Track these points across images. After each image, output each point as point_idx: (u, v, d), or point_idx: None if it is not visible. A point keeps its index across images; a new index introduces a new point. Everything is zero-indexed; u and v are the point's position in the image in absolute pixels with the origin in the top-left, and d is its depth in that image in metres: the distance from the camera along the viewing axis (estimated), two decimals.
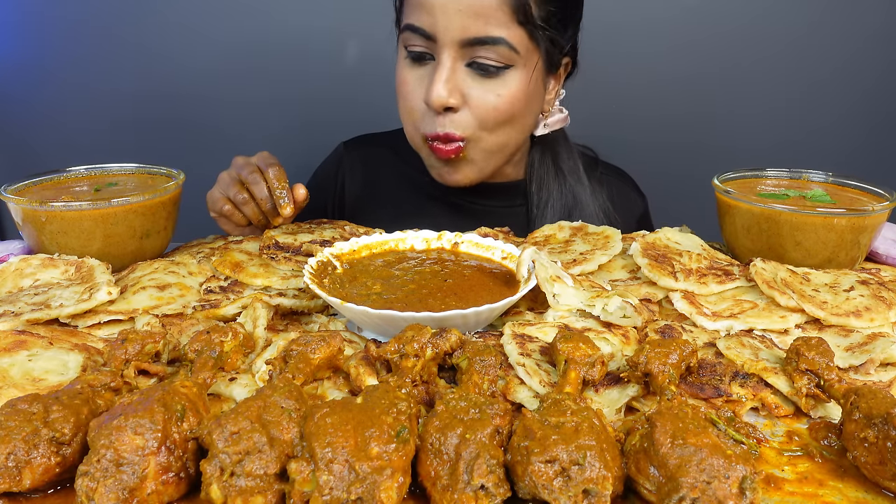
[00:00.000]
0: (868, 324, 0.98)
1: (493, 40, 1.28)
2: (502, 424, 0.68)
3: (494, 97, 1.33)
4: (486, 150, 1.40)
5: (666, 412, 0.68)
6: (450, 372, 0.87)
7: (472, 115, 1.35)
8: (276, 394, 0.68)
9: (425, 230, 1.19)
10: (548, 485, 0.61)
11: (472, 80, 1.33)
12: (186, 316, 1.02)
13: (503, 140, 1.41)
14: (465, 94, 1.33)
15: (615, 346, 0.93)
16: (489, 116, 1.35)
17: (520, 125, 1.42)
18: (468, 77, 1.33)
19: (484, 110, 1.34)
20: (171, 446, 0.65)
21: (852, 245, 1.14)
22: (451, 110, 1.34)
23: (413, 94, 1.38)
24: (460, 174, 1.44)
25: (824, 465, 0.74)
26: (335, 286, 1.02)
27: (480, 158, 1.42)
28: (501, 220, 1.43)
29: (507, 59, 1.31)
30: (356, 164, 1.70)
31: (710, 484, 0.60)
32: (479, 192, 1.55)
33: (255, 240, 1.31)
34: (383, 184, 1.67)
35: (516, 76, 1.34)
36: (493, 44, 1.29)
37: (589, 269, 1.12)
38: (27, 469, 0.65)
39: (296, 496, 0.60)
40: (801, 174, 1.32)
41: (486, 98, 1.33)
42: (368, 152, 1.72)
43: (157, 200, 1.19)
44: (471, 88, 1.33)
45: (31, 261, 1.13)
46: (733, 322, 0.99)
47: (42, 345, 0.91)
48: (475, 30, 1.28)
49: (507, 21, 1.28)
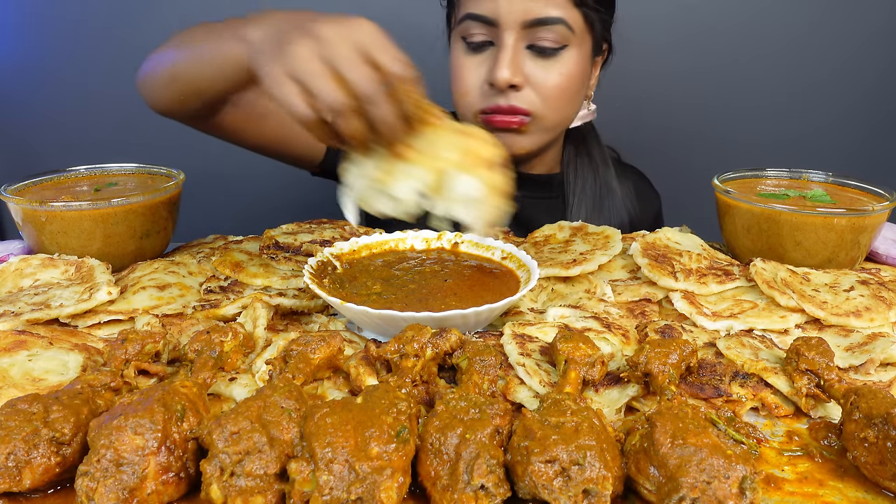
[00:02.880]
0: (868, 324, 0.98)
1: (553, 20, 1.36)
2: (502, 424, 0.68)
3: (556, 75, 1.41)
4: (546, 127, 1.47)
5: (666, 412, 0.68)
6: (450, 372, 0.87)
7: (537, 94, 1.42)
8: (276, 394, 0.68)
9: (425, 230, 1.18)
10: (548, 485, 0.61)
11: (531, 61, 1.40)
12: (186, 316, 1.02)
13: (560, 118, 1.48)
14: (528, 74, 1.41)
15: (615, 346, 0.93)
16: (552, 94, 1.42)
17: (575, 105, 1.49)
18: (528, 59, 1.40)
19: (547, 89, 1.41)
20: (171, 446, 0.65)
21: (852, 245, 1.14)
22: (515, 88, 1.41)
23: (471, 77, 1.44)
24: (516, 145, 1.48)
25: (824, 465, 0.74)
26: (335, 286, 1.02)
27: (539, 133, 1.48)
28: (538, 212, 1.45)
29: (565, 38, 1.39)
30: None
31: (710, 484, 0.60)
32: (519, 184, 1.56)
33: (256, 240, 1.31)
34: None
35: (572, 55, 1.41)
36: (553, 24, 1.36)
37: (589, 269, 1.12)
38: (27, 469, 0.65)
39: (296, 496, 0.60)
40: (801, 174, 1.32)
41: (549, 77, 1.41)
42: None
43: (157, 200, 1.19)
44: (532, 69, 1.40)
45: (31, 261, 1.13)
46: (733, 322, 0.99)
47: (42, 345, 0.91)
48: (536, 11, 1.36)
49: (564, 2, 1.37)
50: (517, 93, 1.41)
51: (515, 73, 1.38)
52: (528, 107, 1.42)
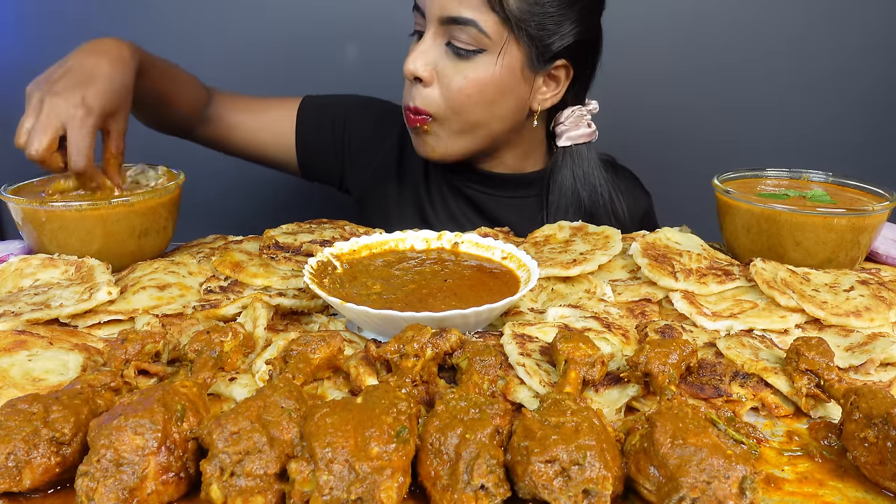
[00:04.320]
0: (868, 324, 0.98)
1: (465, 21, 1.36)
2: (502, 424, 0.68)
3: (462, 78, 1.39)
4: (453, 130, 1.46)
5: (666, 412, 0.68)
6: (450, 372, 0.87)
7: (441, 94, 1.42)
8: (276, 394, 0.68)
9: (425, 230, 1.18)
10: (548, 485, 0.61)
11: (447, 59, 1.40)
12: (186, 316, 1.02)
13: (472, 123, 1.45)
14: (439, 71, 1.41)
15: (615, 346, 0.93)
16: (456, 97, 1.41)
17: (490, 112, 1.45)
18: (444, 56, 1.41)
19: (450, 90, 1.41)
20: (171, 446, 0.65)
21: (852, 245, 1.14)
22: (423, 83, 1.42)
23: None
24: (427, 147, 1.49)
25: (824, 465, 0.74)
26: (335, 286, 1.02)
27: (446, 137, 1.47)
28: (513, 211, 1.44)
29: (478, 42, 1.37)
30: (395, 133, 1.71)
31: (710, 484, 0.60)
32: (492, 183, 1.60)
33: (256, 240, 1.31)
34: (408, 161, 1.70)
35: (487, 61, 1.39)
36: (465, 24, 1.36)
37: (589, 269, 1.12)
38: (27, 469, 0.65)
39: (296, 496, 0.60)
40: (801, 174, 1.32)
41: (455, 78, 1.40)
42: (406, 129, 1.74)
43: (156, 200, 1.19)
44: (444, 67, 1.41)
45: (31, 261, 1.13)
46: (733, 322, 0.99)
47: (42, 345, 0.91)
48: (450, 9, 1.36)
49: (478, 5, 1.35)
50: (422, 89, 1.41)
51: (424, 67, 1.39)
52: (428, 107, 1.42)
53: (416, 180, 1.66)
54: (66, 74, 1.15)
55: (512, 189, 1.61)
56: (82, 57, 1.19)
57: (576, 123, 1.55)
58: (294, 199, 2.33)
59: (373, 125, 1.70)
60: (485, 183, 1.60)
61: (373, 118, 1.71)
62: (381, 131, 1.70)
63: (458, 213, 1.62)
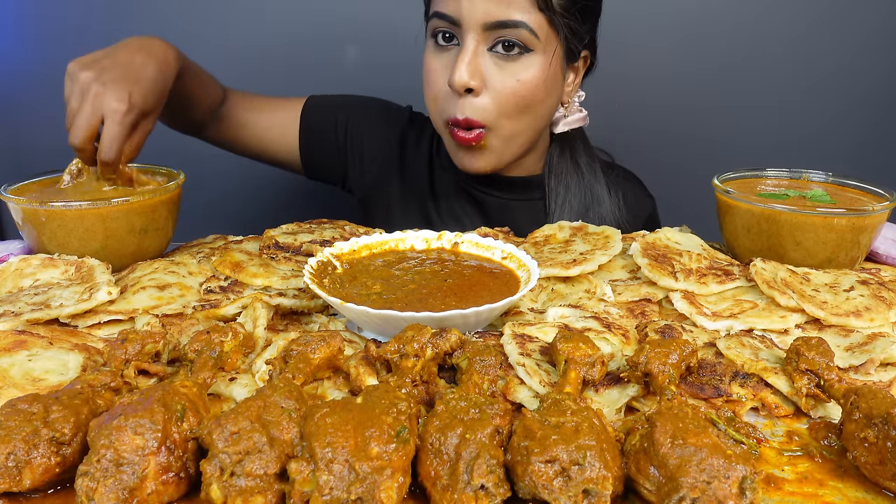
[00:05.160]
0: (868, 324, 0.98)
1: (515, 24, 1.34)
2: (502, 424, 0.68)
3: (514, 81, 1.37)
4: (506, 137, 1.44)
5: (666, 412, 0.68)
6: (450, 372, 0.87)
7: (492, 100, 1.39)
8: (276, 394, 0.68)
9: (425, 230, 1.18)
10: (548, 485, 0.61)
11: (493, 64, 1.38)
12: (186, 316, 1.02)
13: (522, 127, 1.44)
14: (486, 77, 1.38)
15: (615, 346, 0.93)
16: (509, 101, 1.39)
17: (538, 113, 1.45)
18: (490, 61, 1.38)
19: (504, 94, 1.38)
20: (171, 446, 0.65)
21: (852, 245, 1.14)
22: (473, 93, 1.38)
23: (438, 78, 1.43)
24: (481, 161, 1.47)
25: (824, 465, 0.74)
26: (335, 286, 1.02)
27: (500, 146, 1.45)
28: (519, 214, 1.44)
29: (528, 43, 1.36)
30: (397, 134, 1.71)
31: (710, 484, 0.60)
32: (498, 186, 1.59)
33: (256, 240, 1.32)
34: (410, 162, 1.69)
35: (536, 61, 1.38)
36: (515, 27, 1.34)
37: (589, 269, 1.12)
38: (27, 469, 0.65)
39: (296, 496, 0.60)
40: (801, 174, 1.32)
41: (507, 82, 1.38)
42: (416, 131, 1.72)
43: (156, 200, 1.19)
44: (492, 72, 1.38)
45: (31, 261, 1.13)
46: (733, 322, 0.99)
47: (42, 345, 0.91)
48: (497, 13, 1.33)
49: (527, 6, 1.34)
50: (473, 100, 1.38)
51: (473, 76, 1.36)
52: (482, 118, 1.39)
53: (421, 182, 1.66)
54: (115, 67, 1.19)
55: (520, 191, 1.60)
56: (132, 53, 1.23)
57: (570, 109, 1.56)
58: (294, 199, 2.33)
59: (375, 125, 1.70)
60: (493, 185, 1.59)
61: (375, 118, 1.71)
62: (383, 131, 1.70)
63: (463, 214, 1.62)
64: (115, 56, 1.21)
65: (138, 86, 1.19)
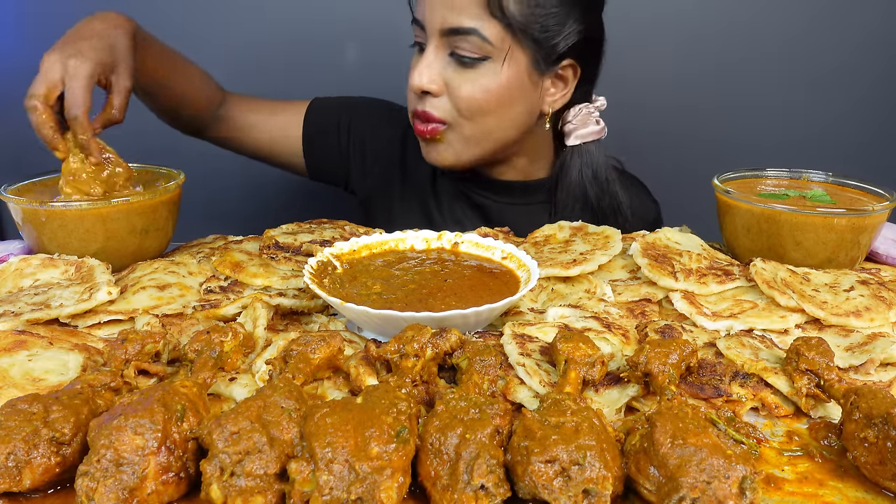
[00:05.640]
0: (868, 324, 0.98)
1: (466, 31, 1.36)
2: (502, 424, 0.68)
3: (470, 86, 1.40)
4: (466, 136, 1.46)
5: (666, 412, 0.68)
6: (450, 372, 0.87)
7: (451, 102, 1.42)
8: (276, 394, 0.68)
9: (425, 230, 1.18)
10: (548, 485, 0.61)
11: (452, 69, 1.41)
12: (186, 316, 1.02)
13: (484, 130, 1.45)
14: (446, 82, 1.41)
15: (615, 346, 0.93)
16: (465, 105, 1.41)
17: (502, 118, 1.45)
18: (450, 66, 1.41)
19: (460, 98, 1.41)
20: (171, 446, 0.65)
21: (852, 245, 1.14)
22: (431, 95, 1.42)
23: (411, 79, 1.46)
24: (439, 155, 1.49)
25: (824, 465, 0.74)
26: (335, 286, 1.02)
27: (459, 144, 1.47)
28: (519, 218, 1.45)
29: (482, 50, 1.37)
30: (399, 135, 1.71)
31: (710, 484, 0.60)
32: (494, 189, 1.60)
33: (256, 240, 1.31)
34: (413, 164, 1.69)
35: (493, 68, 1.39)
36: (467, 34, 1.36)
37: (589, 269, 1.12)
38: (27, 469, 0.65)
39: (296, 496, 0.60)
40: (801, 174, 1.32)
41: (463, 87, 1.40)
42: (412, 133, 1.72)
43: (157, 200, 1.19)
44: (451, 77, 1.41)
45: (31, 261, 1.13)
46: (733, 322, 0.99)
47: (42, 345, 0.91)
48: (451, 20, 1.36)
49: (479, 13, 1.35)
50: (433, 100, 1.42)
51: (431, 80, 1.39)
52: (441, 115, 1.42)
53: (423, 184, 1.66)
54: (64, 37, 1.21)
55: (519, 195, 1.61)
56: (78, 24, 1.25)
57: (584, 121, 1.55)
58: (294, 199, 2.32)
59: (376, 127, 1.71)
60: (492, 189, 1.60)
61: (376, 120, 1.72)
62: (385, 132, 1.70)
63: (464, 217, 1.62)
64: (66, 33, 1.23)
65: (86, 41, 1.18)
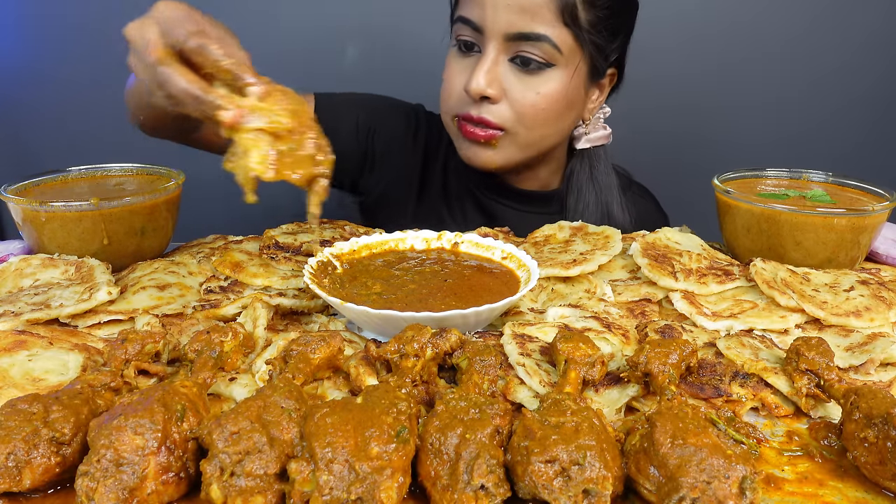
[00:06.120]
0: (868, 324, 0.98)
1: (537, 37, 1.32)
2: (502, 424, 0.68)
3: (534, 94, 1.37)
4: (520, 144, 1.43)
5: (666, 412, 0.68)
6: (450, 372, 0.87)
7: (511, 109, 1.38)
8: (276, 394, 0.68)
9: (425, 230, 1.18)
10: (548, 485, 0.61)
11: (513, 75, 1.37)
12: (186, 316, 1.02)
13: (537, 138, 1.44)
14: (505, 87, 1.37)
15: (615, 346, 0.93)
16: (527, 112, 1.38)
17: (556, 126, 1.44)
18: (510, 72, 1.37)
19: (522, 105, 1.37)
20: (171, 446, 0.65)
21: (852, 245, 1.14)
22: (489, 101, 1.38)
23: (455, 80, 1.42)
24: (488, 159, 1.45)
25: (824, 465, 0.74)
26: (335, 286, 1.02)
27: (512, 150, 1.44)
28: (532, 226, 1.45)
29: (550, 57, 1.34)
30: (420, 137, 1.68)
31: (710, 484, 0.60)
32: (510, 197, 1.59)
33: (256, 240, 1.32)
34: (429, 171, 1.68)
35: (557, 76, 1.37)
36: (537, 40, 1.32)
37: (589, 269, 1.12)
38: (27, 469, 0.65)
39: (296, 496, 0.60)
40: (801, 174, 1.32)
41: (526, 94, 1.37)
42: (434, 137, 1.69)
43: (156, 200, 1.19)
44: (512, 83, 1.37)
45: (31, 261, 1.13)
46: (733, 322, 0.99)
47: (42, 345, 0.91)
48: (520, 25, 1.32)
49: (552, 20, 1.32)
50: (491, 105, 1.37)
51: (490, 84, 1.35)
52: (500, 121, 1.38)
53: (435, 186, 1.65)
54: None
55: (537, 205, 1.60)
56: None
57: (594, 126, 1.55)
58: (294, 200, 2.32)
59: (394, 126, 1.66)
60: (508, 197, 1.59)
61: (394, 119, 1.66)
62: (403, 134, 1.66)
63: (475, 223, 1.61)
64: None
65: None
